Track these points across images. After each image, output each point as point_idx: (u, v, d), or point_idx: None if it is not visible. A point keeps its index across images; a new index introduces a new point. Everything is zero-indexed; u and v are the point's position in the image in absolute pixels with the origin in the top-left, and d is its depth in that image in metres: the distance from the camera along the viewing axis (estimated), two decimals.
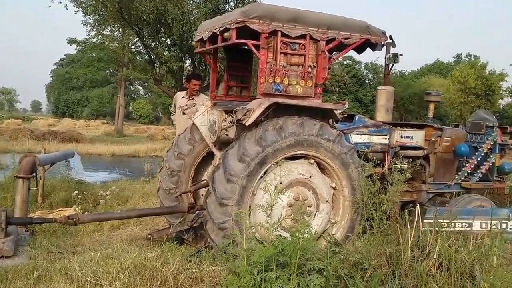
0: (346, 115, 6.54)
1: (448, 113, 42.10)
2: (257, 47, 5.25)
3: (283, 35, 5.27)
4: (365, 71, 41.41)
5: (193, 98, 7.29)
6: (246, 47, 5.71)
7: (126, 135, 37.55)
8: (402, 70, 50.96)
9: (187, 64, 20.61)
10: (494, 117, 7.99)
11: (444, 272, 3.97)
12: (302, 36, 5.35)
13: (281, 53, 5.30)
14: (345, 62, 38.60)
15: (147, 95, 68.22)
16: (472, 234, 4.88)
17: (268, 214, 4.92)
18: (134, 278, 4.07)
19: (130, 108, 64.60)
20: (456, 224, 5.38)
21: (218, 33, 5.49)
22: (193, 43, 6.43)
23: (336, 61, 37.60)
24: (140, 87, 65.82)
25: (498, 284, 3.71)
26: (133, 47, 24.45)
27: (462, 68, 43.73)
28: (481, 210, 5.92)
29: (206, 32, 5.79)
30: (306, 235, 3.70)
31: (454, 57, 63.41)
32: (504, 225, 5.80)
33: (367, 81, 41.21)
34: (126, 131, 41.65)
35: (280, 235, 4.19)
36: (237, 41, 5.20)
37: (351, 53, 6.40)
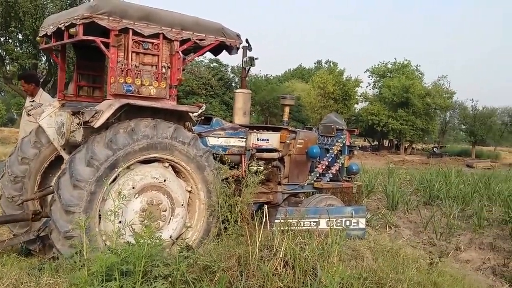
0: (203, 117, 6.53)
1: (309, 116, 44.89)
2: (106, 45, 4.98)
3: (135, 33, 5.07)
4: (232, 74, 42.30)
5: (33, 100, 6.78)
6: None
7: None
8: (267, 75, 53.19)
9: (42, 62, 19.07)
10: (344, 120, 8.61)
11: (289, 271, 4.11)
12: (155, 36, 5.21)
13: (133, 52, 5.10)
14: (211, 65, 38.97)
15: None
16: (318, 232, 5.19)
17: (120, 220, 4.76)
18: None
19: None
20: (305, 223, 5.67)
21: (63, 28, 5.10)
22: (38, 38, 5.90)
23: (203, 63, 38.01)
24: None
25: (338, 279, 3.92)
26: None
27: (322, 74, 47.10)
28: (327, 209, 6.27)
29: (51, 27, 5.36)
30: (154, 241, 3.58)
31: (315, 63, 67.90)
32: (347, 223, 6.26)
33: (233, 84, 42.14)
34: None
35: (128, 242, 3.99)
36: (84, 37, 4.88)
37: (219, 55, 6.39)
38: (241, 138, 6.45)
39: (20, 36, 18.04)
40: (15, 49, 17.76)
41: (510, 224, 8.86)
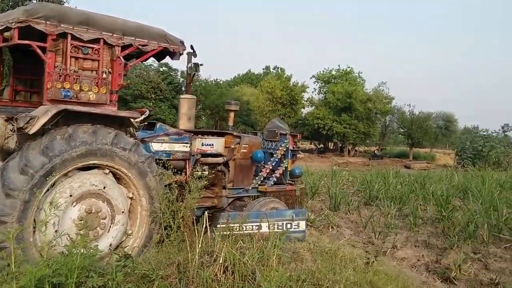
0: (147, 123, 6.46)
1: (258, 120, 45.23)
2: (43, 49, 4.84)
3: (74, 38, 4.97)
4: (182, 79, 41.84)
5: None
6: None
7: None
8: (217, 79, 53.15)
9: None
10: (287, 125, 8.76)
11: (229, 276, 4.13)
12: (96, 41, 5.13)
13: (71, 57, 5.00)
14: (161, 69, 38.47)
15: None
16: (260, 236, 5.26)
17: (56, 230, 4.62)
18: None
19: None
20: (247, 227, 5.73)
21: None
22: None
23: (152, 67, 37.44)
24: None
25: (276, 283, 3.98)
26: None
27: (270, 79, 47.75)
28: (269, 213, 6.37)
29: None
30: (89, 251, 3.50)
31: (263, 69, 68.54)
32: (288, 225, 6.38)
33: (183, 89, 41.73)
34: None
35: (63, 252, 3.88)
36: (20, 42, 4.74)
37: (168, 60, 6.33)
38: (186, 143, 6.43)
39: None
40: None
41: (443, 222, 9.31)
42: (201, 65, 7.06)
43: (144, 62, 6.09)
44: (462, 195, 13.33)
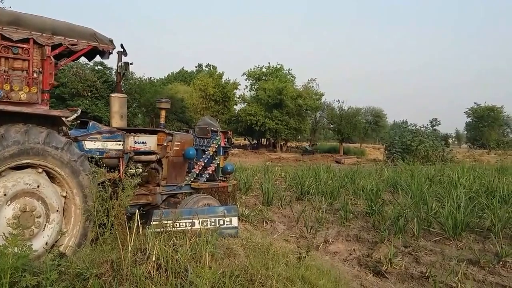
0: (79, 121, 6.47)
1: (192, 117, 45.05)
2: None
3: (4, 38, 4.95)
4: (116, 77, 40.77)
5: None
6: None
7: None
8: (151, 77, 52.30)
9: None
10: (218, 122, 8.94)
11: (162, 273, 4.21)
12: (25, 40, 5.12)
13: (1, 57, 4.98)
14: (96, 68, 37.68)
15: None
16: (193, 232, 5.41)
17: None
18: None
19: None
20: (180, 224, 5.88)
21: None
22: None
23: (88, 66, 36.35)
24: None
25: (208, 279, 4.07)
26: None
27: (202, 77, 47.83)
28: (201, 209, 6.52)
29: None
30: (22, 250, 3.54)
31: (196, 67, 68.28)
32: (221, 222, 6.55)
33: None
34: None
35: None
36: None
37: (101, 59, 6.34)
38: (119, 141, 6.49)
39: None
40: None
41: (373, 216, 9.57)
42: (131, 64, 7.12)
43: (80, 61, 6.11)
44: (392, 190, 13.63)
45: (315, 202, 11.10)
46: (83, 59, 6.15)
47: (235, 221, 6.76)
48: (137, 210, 5.47)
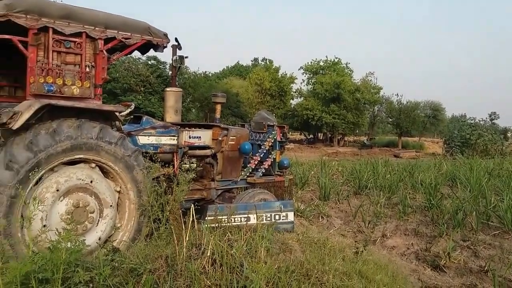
0: (133, 116, 6.43)
1: (248, 112, 45.18)
2: (25, 44, 4.78)
3: (56, 32, 4.92)
4: (170, 72, 41.43)
5: None
6: None
7: None
8: (206, 72, 52.96)
9: None
10: (274, 116, 8.77)
11: (217, 269, 4.12)
12: (78, 34, 5.08)
13: (53, 51, 4.95)
14: (149, 62, 38.18)
15: None
16: (248, 228, 5.27)
17: (44, 224, 4.60)
18: None
19: None
20: (235, 219, 5.74)
21: None
22: None
23: (141, 60, 37.24)
24: None
25: (264, 275, 3.96)
26: None
27: (258, 71, 47.71)
28: (257, 204, 6.36)
29: None
30: (75, 246, 3.48)
31: (252, 61, 68.43)
32: (277, 217, 6.40)
33: None
34: None
35: (50, 247, 3.87)
36: (0, 36, 4.66)
37: (156, 53, 6.29)
38: (173, 136, 6.41)
39: None
40: None
41: (432, 210, 9.36)
42: (186, 57, 7.01)
43: (132, 55, 6.06)
44: (450, 183, 13.43)
45: (373, 196, 10.91)
46: (135, 53, 6.08)
47: (291, 216, 6.65)
48: (192, 205, 5.36)
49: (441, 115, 52.53)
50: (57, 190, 4.83)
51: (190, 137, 6.81)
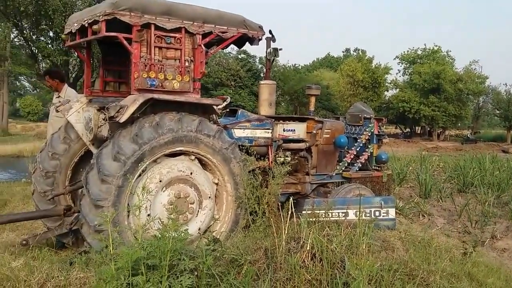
0: (228, 109, 6.52)
1: (339, 105, 44.40)
2: (129, 40, 5.01)
3: (157, 28, 5.10)
4: (260, 65, 41.94)
5: (59, 96, 6.98)
6: None
7: (12, 134, 34.85)
8: (295, 64, 52.90)
9: (73, 58, 19.47)
10: (371, 109, 8.45)
11: (317, 263, 4.05)
12: (177, 30, 5.22)
13: (155, 47, 5.13)
14: (239, 56, 38.98)
15: (35, 91, 63.44)
16: (347, 223, 5.11)
17: (148, 214, 4.82)
18: None
19: (18, 105, 59.65)
20: (333, 214, 5.60)
21: (87, 25, 5.16)
22: (63, 36, 6.00)
23: (231, 55, 38.11)
24: (26, 83, 61.13)
25: (366, 272, 3.85)
26: (16, 40, 22.58)
27: (350, 62, 46.55)
28: (356, 199, 6.17)
29: (75, 25, 5.44)
30: (180, 234, 3.58)
31: (343, 52, 67.09)
32: (377, 213, 6.17)
33: (262, 75, 42.11)
34: (13, 129, 38.84)
35: (155, 235, 4.02)
36: (107, 34, 4.93)
37: (246, 47, 6.36)
38: (267, 129, 6.42)
39: (51, 34, 18.46)
40: (47, 47, 18.13)
41: None
42: (280, 49, 6.98)
43: (223, 50, 6.14)
44: None
45: (480, 194, 10.13)
46: (227, 48, 6.14)
47: (392, 212, 6.44)
48: (291, 198, 5.31)
49: None
50: (160, 181, 5.01)
51: (284, 130, 6.78)
